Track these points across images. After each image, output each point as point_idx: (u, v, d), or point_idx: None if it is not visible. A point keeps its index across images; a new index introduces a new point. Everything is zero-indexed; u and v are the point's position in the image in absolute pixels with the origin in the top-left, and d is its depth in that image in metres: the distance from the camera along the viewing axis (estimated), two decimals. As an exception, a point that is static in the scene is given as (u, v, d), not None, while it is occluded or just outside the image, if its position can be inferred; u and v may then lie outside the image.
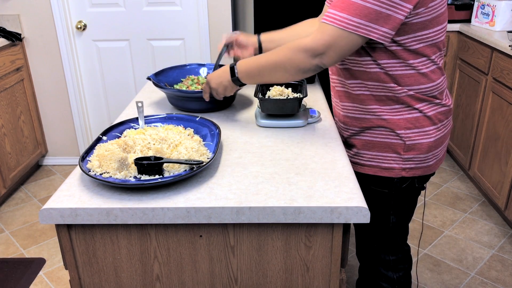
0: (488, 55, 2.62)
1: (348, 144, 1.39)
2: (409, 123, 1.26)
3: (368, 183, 1.37)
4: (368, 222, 1.00)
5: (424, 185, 1.39)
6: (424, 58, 1.21)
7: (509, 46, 2.36)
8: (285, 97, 1.42)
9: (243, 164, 1.15)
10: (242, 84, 1.33)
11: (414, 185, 1.36)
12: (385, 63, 1.20)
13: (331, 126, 1.39)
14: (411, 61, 1.19)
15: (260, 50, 1.53)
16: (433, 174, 1.38)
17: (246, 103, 1.62)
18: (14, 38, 2.89)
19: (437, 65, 1.24)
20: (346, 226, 1.05)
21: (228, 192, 1.02)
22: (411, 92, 1.23)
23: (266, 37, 1.58)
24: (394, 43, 1.17)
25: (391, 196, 1.36)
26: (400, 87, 1.22)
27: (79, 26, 3.03)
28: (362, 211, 0.97)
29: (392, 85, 1.22)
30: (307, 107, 1.51)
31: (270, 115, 1.41)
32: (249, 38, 1.55)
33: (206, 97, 1.43)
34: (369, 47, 1.20)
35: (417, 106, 1.25)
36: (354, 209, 0.97)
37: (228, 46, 1.55)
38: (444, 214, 2.70)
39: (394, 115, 1.26)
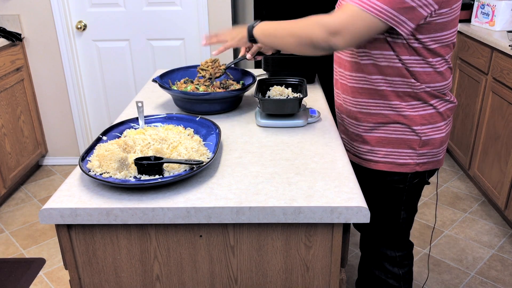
0: (488, 55, 2.62)
1: (358, 141, 1.41)
2: (424, 119, 1.30)
3: (383, 179, 1.40)
4: (368, 222, 1.00)
5: (429, 180, 1.43)
6: (439, 58, 1.25)
7: (509, 46, 2.36)
8: (285, 97, 1.42)
9: (243, 164, 1.15)
10: (252, 40, 1.35)
11: (424, 179, 1.41)
12: (407, 59, 1.24)
13: (331, 126, 1.39)
14: (430, 59, 1.24)
15: None
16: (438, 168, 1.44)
17: (246, 103, 1.62)
18: (14, 38, 2.89)
19: (449, 65, 1.30)
20: (346, 226, 1.05)
21: (228, 192, 1.02)
22: (428, 89, 1.27)
23: None
24: (415, 40, 1.20)
25: (404, 191, 1.40)
26: (419, 83, 1.26)
27: (79, 26, 3.03)
28: (362, 211, 0.97)
29: (413, 80, 1.26)
30: (307, 107, 1.51)
31: (270, 115, 1.41)
32: None
33: (204, 42, 1.43)
34: (391, 39, 1.22)
35: (431, 102, 1.29)
36: (354, 209, 0.97)
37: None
38: (444, 214, 2.70)
39: (412, 111, 1.30)
